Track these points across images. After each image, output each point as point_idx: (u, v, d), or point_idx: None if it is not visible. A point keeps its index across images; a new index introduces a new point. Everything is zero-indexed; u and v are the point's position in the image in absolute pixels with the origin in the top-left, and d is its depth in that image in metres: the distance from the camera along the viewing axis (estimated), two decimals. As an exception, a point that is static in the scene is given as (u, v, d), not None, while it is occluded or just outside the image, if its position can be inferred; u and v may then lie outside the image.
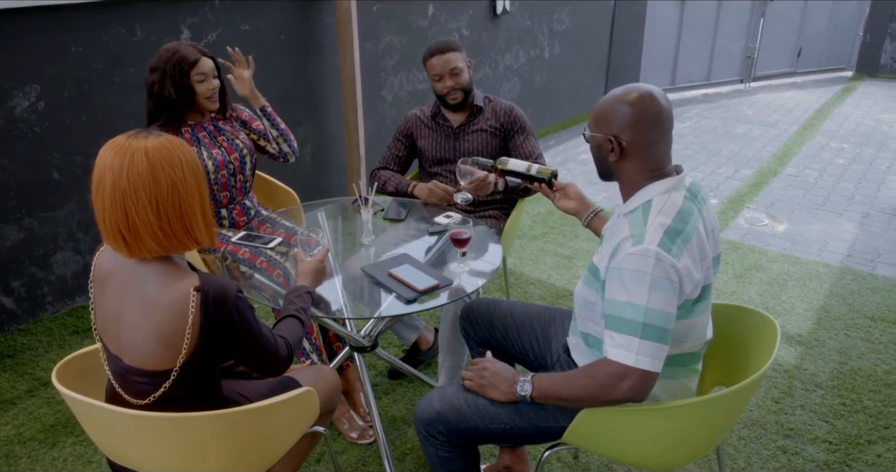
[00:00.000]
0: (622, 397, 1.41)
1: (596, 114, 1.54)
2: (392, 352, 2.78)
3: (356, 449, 2.28)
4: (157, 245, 1.32)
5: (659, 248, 1.38)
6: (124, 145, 1.29)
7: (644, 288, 1.37)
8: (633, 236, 1.42)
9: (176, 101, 2.20)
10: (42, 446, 2.28)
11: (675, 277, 1.39)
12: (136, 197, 1.28)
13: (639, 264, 1.38)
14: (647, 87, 1.50)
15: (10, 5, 2.59)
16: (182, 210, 1.32)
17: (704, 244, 1.47)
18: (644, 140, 1.48)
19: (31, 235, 2.90)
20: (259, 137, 2.47)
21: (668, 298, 1.38)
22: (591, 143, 1.56)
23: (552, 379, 1.52)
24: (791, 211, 4.37)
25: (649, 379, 1.39)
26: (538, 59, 5.75)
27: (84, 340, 2.89)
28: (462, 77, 2.50)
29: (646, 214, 1.45)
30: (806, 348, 2.83)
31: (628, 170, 1.52)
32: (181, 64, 2.17)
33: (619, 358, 1.39)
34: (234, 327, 1.35)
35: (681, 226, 1.42)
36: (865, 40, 8.42)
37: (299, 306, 1.68)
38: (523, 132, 2.60)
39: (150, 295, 1.32)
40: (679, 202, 1.46)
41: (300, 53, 3.76)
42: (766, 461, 2.22)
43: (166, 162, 1.29)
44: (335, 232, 2.42)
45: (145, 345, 1.33)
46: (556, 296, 3.27)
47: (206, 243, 1.39)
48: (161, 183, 1.29)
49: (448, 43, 2.51)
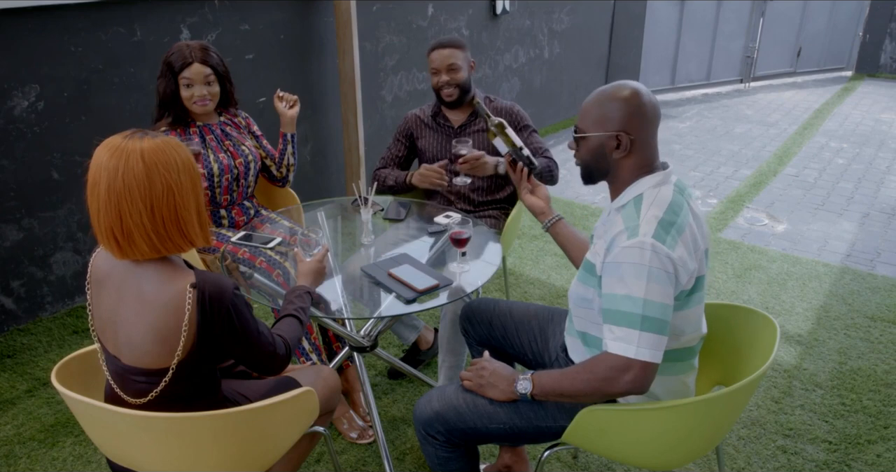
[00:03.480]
0: (624, 389, 1.41)
1: (591, 114, 1.53)
2: (392, 352, 2.78)
3: (356, 449, 2.28)
4: (149, 248, 1.31)
5: (654, 239, 1.39)
6: (120, 146, 1.28)
7: (642, 280, 1.38)
8: (627, 230, 1.43)
9: (165, 99, 2.22)
10: (42, 446, 2.28)
11: (671, 267, 1.40)
12: (130, 199, 1.27)
13: (635, 257, 1.39)
14: (633, 82, 1.52)
15: (9, 5, 2.59)
16: (177, 212, 1.32)
17: (696, 235, 1.48)
18: (645, 134, 1.50)
19: (30, 235, 2.90)
20: (266, 156, 2.50)
21: (666, 289, 1.39)
22: (588, 144, 1.54)
23: (552, 376, 1.52)
24: (791, 211, 4.37)
25: (650, 371, 1.40)
26: (538, 59, 5.75)
27: (84, 340, 2.89)
28: (458, 74, 2.51)
29: (638, 207, 1.47)
30: (805, 348, 2.83)
31: (627, 166, 1.52)
32: (173, 64, 2.19)
33: (620, 351, 1.40)
34: (231, 324, 1.35)
35: (673, 218, 1.44)
36: (865, 40, 8.42)
37: (298, 305, 1.68)
38: (526, 130, 2.61)
39: (147, 294, 1.32)
40: (669, 195, 1.48)
41: (299, 53, 3.76)
42: (765, 461, 2.22)
43: (162, 164, 1.29)
44: (335, 232, 2.42)
45: (142, 344, 1.33)
46: (555, 296, 3.27)
47: (200, 243, 1.39)
48: (156, 185, 1.28)
49: (452, 40, 2.53)
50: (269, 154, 2.50)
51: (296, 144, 2.52)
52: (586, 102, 1.55)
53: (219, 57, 2.26)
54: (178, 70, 2.19)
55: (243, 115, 2.48)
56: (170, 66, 2.19)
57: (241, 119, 2.46)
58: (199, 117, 2.32)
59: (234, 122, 2.44)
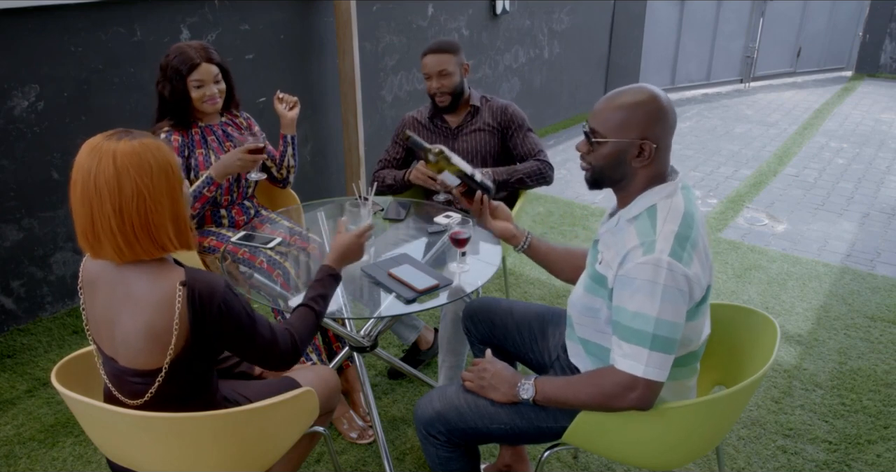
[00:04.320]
0: (628, 406, 1.41)
1: (612, 118, 1.44)
2: (392, 352, 2.78)
3: (356, 449, 2.28)
4: (114, 252, 1.28)
5: (671, 257, 1.36)
6: (97, 147, 1.26)
7: (655, 299, 1.36)
8: (643, 245, 1.40)
9: (173, 103, 2.21)
10: (42, 446, 2.28)
11: (686, 286, 1.37)
12: (100, 202, 1.25)
13: (650, 274, 1.36)
14: (651, 86, 1.46)
15: (9, 5, 2.59)
16: (148, 218, 1.27)
17: (707, 247, 1.47)
18: (666, 142, 1.46)
19: (30, 235, 2.90)
20: (267, 157, 2.49)
21: (679, 308, 1.37)
22: (605, 149, 1.46)
23: (556, 384, 1.51)
24: (791, 211, 4.37)
25: (656, 389, 1.39)
26: (538, 59, 5.75)
27: (83, 340, 2.89)
28: (450, 80, 2.50)
29: (653, 220, 1.43)
30: (805, 348, 2.83)
31: (644, 175, 1.47)
32: (180, 67, 2.17)
33: (628, 369, 1.39)
34: (224, 321, 1.34)
35: (688, 231, 1.41)
36: (865, 40, 8.42)
37: (317, 294, 1.59)
38: (521, 130, 2.60)
39: (138, 294, 1.31)
40: (682, 207, 1.44)
41: (299, 53, 3.76)
42: (765, 461, 2.22)
43: (134, 167, 1.25)
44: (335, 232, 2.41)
45: (136, 343, 1.32)
46: (555, 296, 3.27)
47: (173, 249, 1.33)
48: (125, 189, 1.24)
49: (444, 44, 2.51)
50: (269, 155, 2.50)
51: (296, 146, 2.52)
52: (604, 104, 1.47)
53: (219, 54, 2.27)
54: (187, 72, 2.18)
55: (244, 115, 2.48)
56: (177, 70, 2.18)
57: (242, 120, 2.46)
58: (202, 118, 2.32)
59: (235, 123, 2.44)
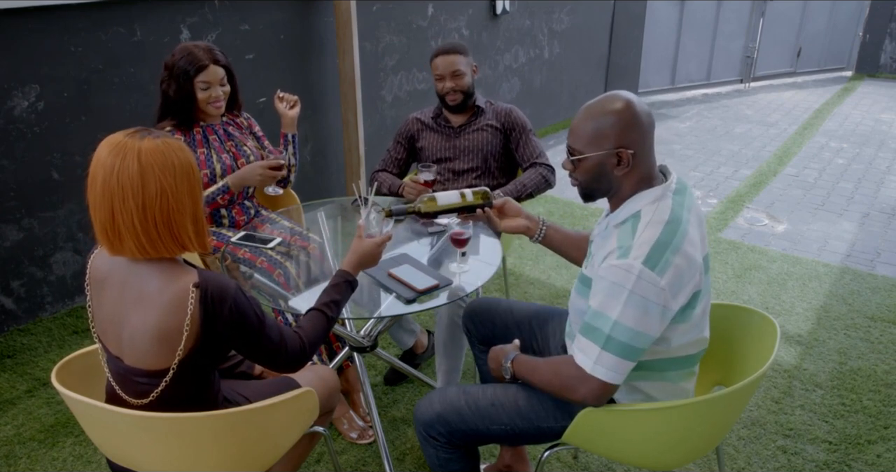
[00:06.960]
0: (580, 399, 1.44)
1: (584, 133, 1.45)
2: (391, 352, 2.78)
3: (356, 449, 2.28)
4: (137, 249, 1.29)
5: (644, 265, 1.36)
6: (120, 144, 1.27)
7: (618, 302, 1.37)
8: (619, 249, 1.41)
9: (177, 103, 2.21)
10: (42, 446, 2.28)
11: (657, 297, 1.35)
12: (123, 198, 1.26)
13: (619, 278, 1.37)
14: (623, 92, 1.46)
15: (10, 5, 2.59)
16: (170, 216, 1.29)
17: (695, 253, 1.43)
18: (644, 146, 1.46)
19: (30, 235, 2.90)
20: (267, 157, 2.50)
21: (644, 318, 1.36)
22: (586, 165, 1.47)
23: (526, 366, 1.57)
24: (791, 211, 4.37)
25: (606, 390, 1.41)
26: (538, 59, 5.75)
27: (84, 340, 2.89)
28: (463, 80, 2.54)
29: (634, 226, 1.43)
30: (805, 348, 2.83)
31: (630, 180, 1.48)
32: (187, 68, 2.17)
33: (579, 362, 1.42)
34: (234, 323, 1.34)
35: (669, 238, 1.39)
36: (865, 40, 8.42)
37: (330, 299, 1.60)
38: (524, 133, 2.62)
39: (150, 293, 1.32)
40: (667, 214, 1.43)
41: (299, 53, 3.76)
42: (765, 461, 2.22)
43: (158, 166, 1.27)
44: (335, 232, 2.42)
45: (143, 343, 1.32)
46: (555, 296, 3.27)
47: (192, 249, 1.35)
48: (150, 187, 1.26)
49: (455, 46, 2.56)
50: None
51: (297, 145, 2.52)
52: (576, 120, 1.47)
53: (224, 55, 2.26)
54: (195, 73, 2.18)
55: (245, 115, 2.48)
56: (184, 70, 2.17)
57: (242, 120, 2.46)
58: (204, 117, 2.32)
59: (236, 122, 2.44)
